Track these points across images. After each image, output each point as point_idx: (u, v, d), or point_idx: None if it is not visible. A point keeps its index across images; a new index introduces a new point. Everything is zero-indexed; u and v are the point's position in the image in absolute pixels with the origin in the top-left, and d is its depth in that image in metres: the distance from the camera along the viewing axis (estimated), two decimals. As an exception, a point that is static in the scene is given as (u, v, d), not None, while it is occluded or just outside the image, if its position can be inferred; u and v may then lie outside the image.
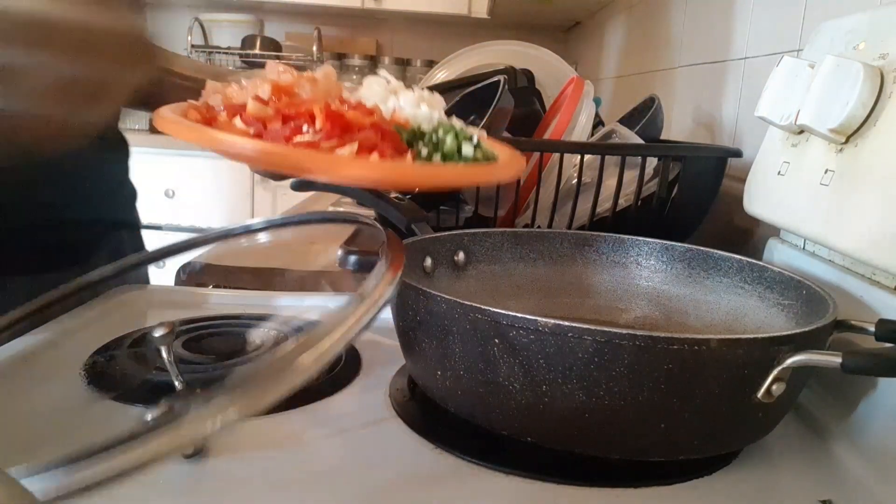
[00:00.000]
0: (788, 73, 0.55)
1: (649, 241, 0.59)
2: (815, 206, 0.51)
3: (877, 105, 0.46)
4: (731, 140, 0.89)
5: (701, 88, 1.04)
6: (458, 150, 0.44)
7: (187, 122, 0.43)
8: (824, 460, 0.43)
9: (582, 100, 0.78)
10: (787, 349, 0.36)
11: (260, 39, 2.57)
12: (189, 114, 0.45)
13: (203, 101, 0.48)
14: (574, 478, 0.39)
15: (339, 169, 0.39)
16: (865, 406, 0.44)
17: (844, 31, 0.54)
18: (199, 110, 0.45)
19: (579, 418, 0.37)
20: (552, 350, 0.36)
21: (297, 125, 0.42)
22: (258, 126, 0.42)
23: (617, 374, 0.36)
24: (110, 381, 0.47)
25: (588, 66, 2.02)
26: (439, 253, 0.56)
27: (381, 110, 0.46)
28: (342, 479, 0.39)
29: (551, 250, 0.60)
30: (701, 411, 0.37)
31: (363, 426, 0.44)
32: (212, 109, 0.46)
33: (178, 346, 0.52)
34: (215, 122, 0.43)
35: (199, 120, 0.44)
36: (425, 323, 0.42)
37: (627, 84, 1.54)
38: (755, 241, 0.73)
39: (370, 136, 0.41)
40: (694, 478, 0.39)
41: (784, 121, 0.55)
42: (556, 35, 2.55)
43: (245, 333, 0.56)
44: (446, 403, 0.43)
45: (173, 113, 0.45)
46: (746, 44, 0.87)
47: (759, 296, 0.52)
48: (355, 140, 0.41)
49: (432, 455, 0.41)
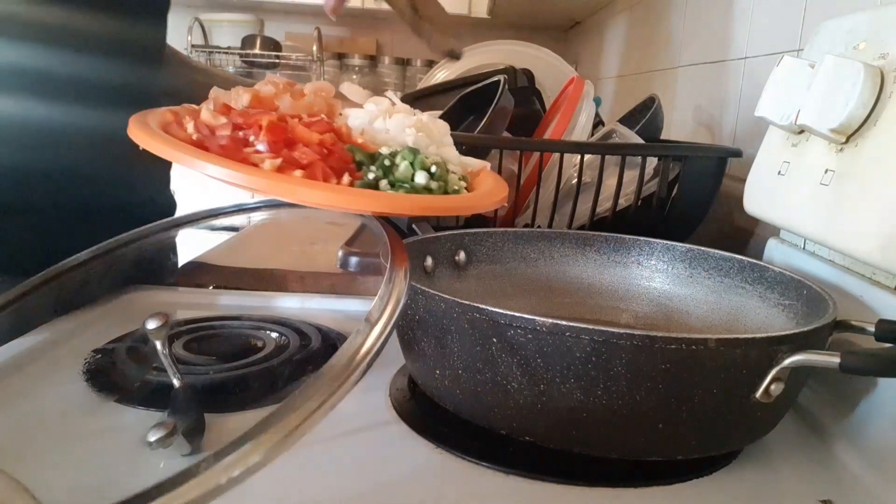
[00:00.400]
0: (788, 72, 0.55)
1: (650, 242, 0.59)
2: (815, 206, 0.51)
3: (877, 105, 0.46)
4: (731, 140, 0.89)
5: (701, 88, 1.04)
6: (411, 177, 0.44)
7: (146, 126, 0.45)
8: (824, 460, 0.43)
9: (582, 99, 0.78)
10: (786, 349, 0.36)
11: (260, 39, 2.56)
12: (164, 116, 0.47)
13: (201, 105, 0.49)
14: (574, 478, 0.39)
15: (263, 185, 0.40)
16: (865, 406, 0.44)
17: (845, 30, 0.54)
18: (174, 114, 0.47)
19: (577, 418, 0.37)
20: (550, 349, 0.36)
21: (245, 135, 0.43)
22: (206, 133, 0.43)
23: (614, 374, 0.36)
24: (110, 381, 0.47)
25: (588, 66, 2.02)
26: (440, 253, 0.56)
27: (349, 129, 0.47)
28: (342, 479, 0.39)
29: (552, 250, 0.60)
30: (699, 411, 0.37)
31: (363, 426, 0.44)
32: (178, 115, 0.47)
33: (178, 347, 0.52)
34: (179, 126, 0.45)
35: (167, 124, 0.46)
36: (424, 322, 0.42)
37: (627, 84, 1.54)
38: (755, 241, 0.73)
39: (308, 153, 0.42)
40: (694, 478, 0.39)
41: (784, 121, 0.55)
42: (556, 35, 2.55)
43: (245, 335, 0.56)
44: (445, 403, 0.43)
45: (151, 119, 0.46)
46: (746, 43, 0.87)
47: (760, 296, 0.52)
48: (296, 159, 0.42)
49: (432, 455, 0.41)
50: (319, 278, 0.71)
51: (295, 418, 0.27)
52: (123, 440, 0.42)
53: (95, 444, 0.41)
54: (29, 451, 0.39)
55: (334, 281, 0.71)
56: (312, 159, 0.42)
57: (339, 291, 0.70)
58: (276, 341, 0.54)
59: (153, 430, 0.36)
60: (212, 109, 0.46)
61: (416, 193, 0.44)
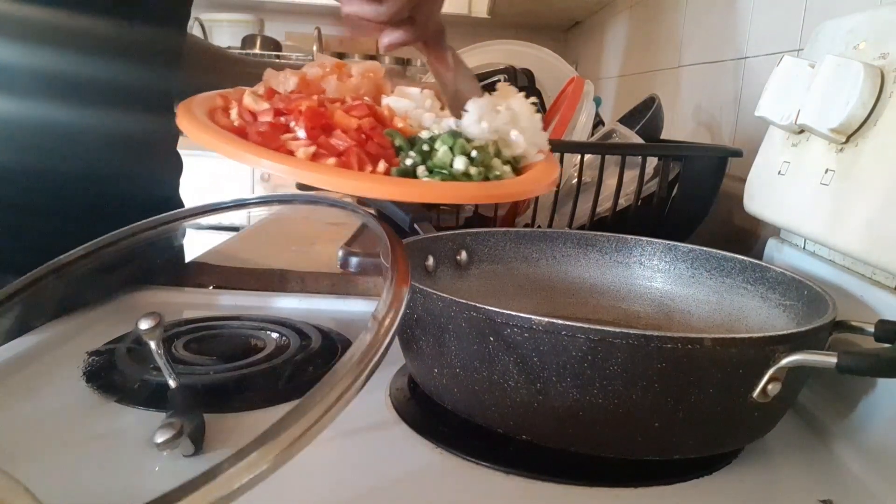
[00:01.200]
0: (789, 72, 0.55)
1: (652, 242, 0.59)
2: (816, 205, 0.51)
3: (877, 105, 0.46)
4: (732, 140, 0.89)
5: (701, 88, 1.04)
6: (450, 163, 0.44)
7: (189, 111, 0.44)
8: (824, 460, 0.43)
9: (582, 99, 0.78)
10: (782, 349, 0.36)
11: (260, 39, 2.56)
12: (214, 100, 0.47)
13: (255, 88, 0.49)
14: (574, 477, 0.39)
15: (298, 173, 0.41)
16: (865, 406, 0.44)
17: (845, 30, 0.54)
18: (224, 98, 0.47)
19: (573, 416, 0.37)
20: (546, 348, 0.36)
21: (286, 121, 0.43)
22: (249, 118, 0.43)
23: (611, 373, 0.36)
24: (110, 381, 0.47)
25: (588, 66, 2.02)
26: (441, 252, 0.56)
27: (391, 112, 0.46)
28: (342, 478, 0.39)
29: (554, 250, 0.60)
30: (695, 411, 0.37)
31: (363, 426, 0.44)
32: (227, 100, 0.47)
33: (178, 347, 0.52)
34: (224, 112, 0.45)
35: (216, 110, 0.46)
36: (423, 321, 0.42)
37: (627, 84, 1.54)
38: (755, 240, 0.73)
39: (344, 139, 0.42)
40: (694, 477, 0.39)
41: (784, 120, 0.55)
42: (556, 35, 2.55)
43: (246, 335, 0.56)
44: (444, 401, 0.43)
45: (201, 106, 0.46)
46: (747, 43, 0.87)
47: (762, 296, 0.51)
48: (332, 145, 0.42)
49: (432, 455, 0.41)
50: (319, 278, 0.71)
51: (306, 420, 0.29)
52: (123, 440, 0.42)
53: (95, 444, 0.41)
54: (29, 451, 0.39)
55: (334, 281, 0.71)
56: (349, 146, 0.42)
57: (339, 291, 0.70)
58: (276, 341, 0.54)
59: (160, 431, 0.36)
60: (259, 93, 0.46)
61: (455, 180, 0.43)
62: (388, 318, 0.33)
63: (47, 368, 0.51)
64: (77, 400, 0.46)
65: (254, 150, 0.41)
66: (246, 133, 0.43)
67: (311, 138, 0.42)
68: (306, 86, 0.48)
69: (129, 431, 0.42)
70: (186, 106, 0.45)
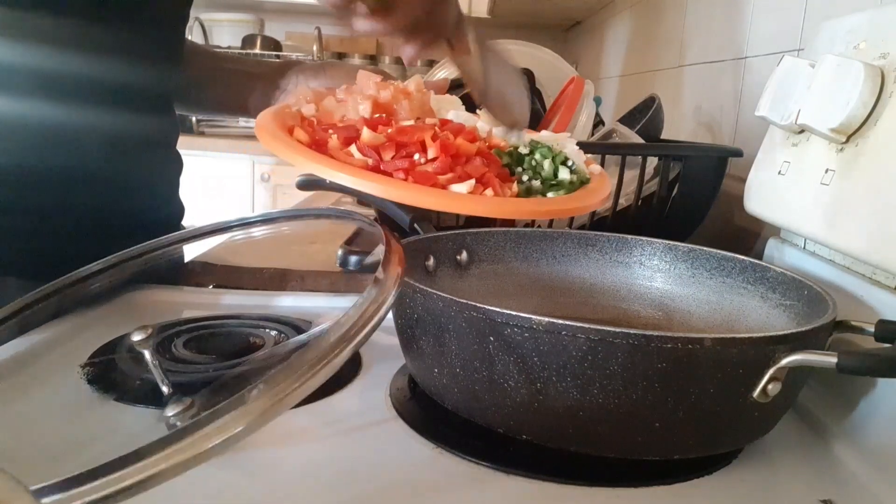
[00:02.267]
0: (789, 72, 0.55)
1: (653, 242, 0.59)
2: (816, 205, 0.51)
3: (877, 105, 0.46)
4: (732, 140, 0.89)
5: (701, 88, 1.04)
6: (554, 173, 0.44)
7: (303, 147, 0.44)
8: (824, 460, 0.43)
9: (582, 99, 0.78)
10: (783, 349, 0.36)
11: (260, 39, 2.57)
12: (295, 132, 0.46)
13: (296, 108, 0.48)
14: (575, 477, 0.39)
15: (465, 208, 0.41)
16: (865, 406, 0.44)
17: (845, 30, 0.54)
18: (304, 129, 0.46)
19: (573, 416, 0.37)
20: (546, 348, 0.36)
21: (409, 153, 0.43)
22: (374, 156, 0.43)
23: (611, 373, 0.36)
24: (110, 380, 0.47)
25: (588, 66, 2.02)
26: (442, 252, 0.56)
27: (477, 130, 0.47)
28: (342, 478, 0.39)
29: (554, 250, 0.60)
30: (696, 410, 0.37)
31: (363, 426, 0.44)
32: (317, 129, 0.46)
33: (178, 346, 0.52)
34: (325, 146, 0.44)
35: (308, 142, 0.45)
36: (423, 320, 0.42)
37: (628, 83, 1.54)
38: (755, 240, 0.73)
39: (479, 166, 0.42)
40: (694, 477, 0.39)
41: (784, 120, 0.55)
42: (556, 34, 2.55)
43: (245, 334, 0.56)
44: (444, 401, 0.43)
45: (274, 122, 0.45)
46: (747, 43, 0.87)
47: (762, 296, 0.51)
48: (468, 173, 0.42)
49: (432, 455, 0.41)
50: (319, 277, 0.71)
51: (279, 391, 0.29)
52: (123, 440, 0.42)
53: (96, 444, 0.41)
54: (29, 451, 0.39)
55: (334, 280, 0.71)
56: (483, 171, 0.42)
57: (339, 290, 0.70)
58: (275, 340, 0.54)
59: (171, 405, 0.36)
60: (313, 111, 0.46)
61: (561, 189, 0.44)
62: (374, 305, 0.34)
63: (47, 368, 0.51)
64: (77, 399, 0.46)
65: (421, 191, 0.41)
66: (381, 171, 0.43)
67: (448, 170, 0.42)
68: (379, 108, 0.48)
69: (129, 430, 0.42)
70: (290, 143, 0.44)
